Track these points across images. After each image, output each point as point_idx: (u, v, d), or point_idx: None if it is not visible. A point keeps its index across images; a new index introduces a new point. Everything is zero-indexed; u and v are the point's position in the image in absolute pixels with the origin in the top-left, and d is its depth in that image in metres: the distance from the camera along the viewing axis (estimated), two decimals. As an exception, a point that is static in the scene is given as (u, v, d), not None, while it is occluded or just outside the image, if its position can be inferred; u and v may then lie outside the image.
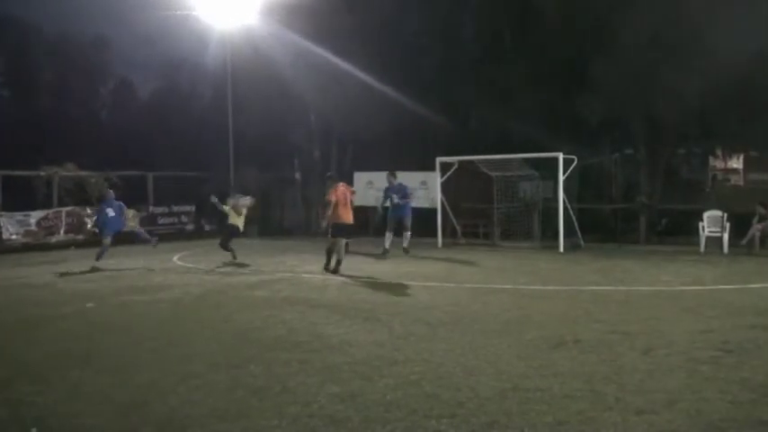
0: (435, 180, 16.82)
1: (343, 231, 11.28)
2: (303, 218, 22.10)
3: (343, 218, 11.19)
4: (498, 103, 17.84)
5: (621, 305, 7.95)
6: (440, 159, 16.70)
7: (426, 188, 17.76)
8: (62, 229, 17.68)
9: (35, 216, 17.30)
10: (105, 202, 13.35)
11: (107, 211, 12.96)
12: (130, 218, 14.78)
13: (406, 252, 13.86)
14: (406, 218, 14.19)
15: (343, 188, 11.43)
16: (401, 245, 14.01)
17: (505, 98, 17.69)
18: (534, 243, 16.04)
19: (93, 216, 16.54)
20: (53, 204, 18.15)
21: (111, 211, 12.94)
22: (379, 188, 16.30)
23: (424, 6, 19.50)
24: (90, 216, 17.57)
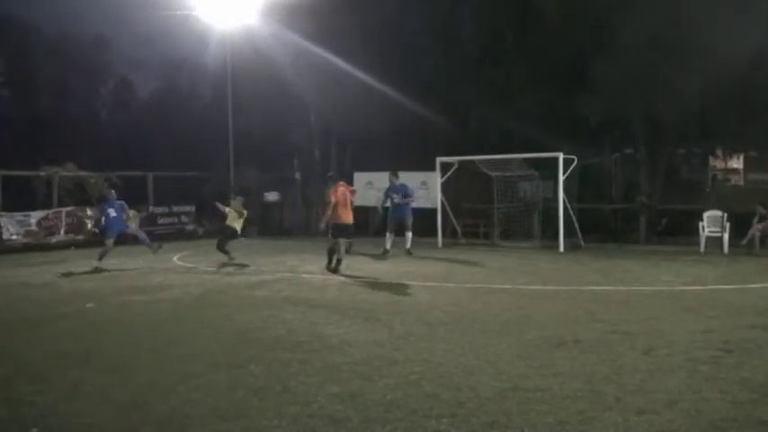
0: (435, 180, 16.82)
1: (343, 231, 11.29)
2: (303, 218, 22.10)
3: (343, 218, 11.21)
4: (498, 103, 17.85)
5: (622, 305, 7.95)
6: (440, 159, 16.69)
7: (426, 188, 17.76)
8: (62, 230, 17.66)
9: (35, 216, 17.26)
10: (107, 202, 13.24)
11: (108, 211, 12.88)
12: (131, 217, 14.74)
13: (408, 253, 13.83)
14: (407, 218, 14.19)
15: (344, 188, 11.45)
16: (403, 245, 14.00)
17: (505, 98, 17.70)
18: (534, 243, 16.01)
19: (94, 216, 16.53)
20: (53, 204, 18.11)
21: (113, 212, 12.86)
22: (380, 188, 16.31)
23: (424, 6, 19.49)
24: (90, 216, 17.56)
